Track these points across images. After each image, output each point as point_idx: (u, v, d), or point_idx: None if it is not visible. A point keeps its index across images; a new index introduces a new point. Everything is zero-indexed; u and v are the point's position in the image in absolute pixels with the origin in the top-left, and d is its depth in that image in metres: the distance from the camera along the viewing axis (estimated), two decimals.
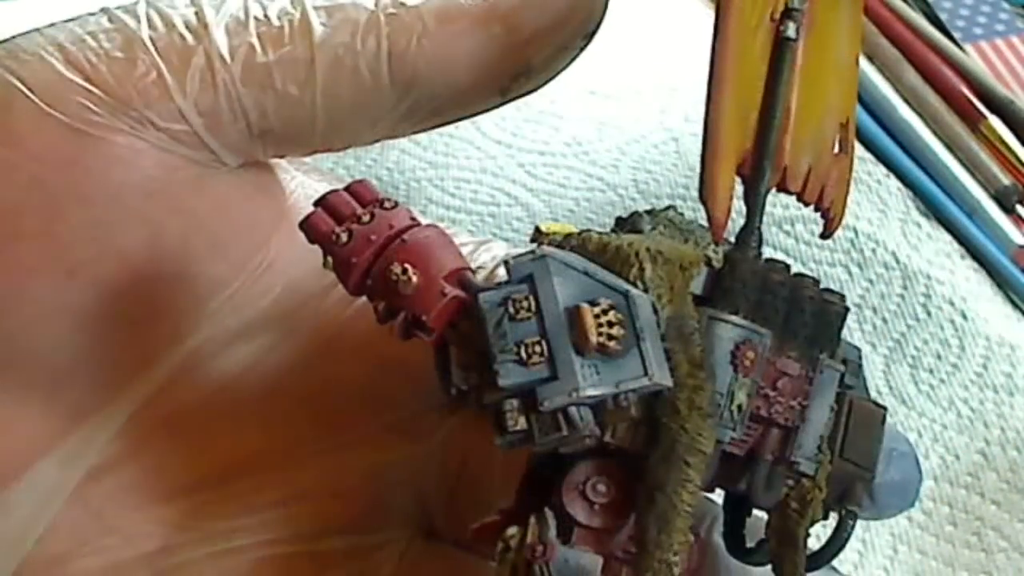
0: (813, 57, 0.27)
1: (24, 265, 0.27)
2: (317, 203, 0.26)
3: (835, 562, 0.28)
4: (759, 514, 0.28)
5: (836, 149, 0.27)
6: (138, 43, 0.28)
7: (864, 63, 0.59)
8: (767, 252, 0.50)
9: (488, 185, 0.55)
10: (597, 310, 0.24)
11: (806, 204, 0.27)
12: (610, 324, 0.24)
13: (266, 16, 0.28)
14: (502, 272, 0.26)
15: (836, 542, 0.27)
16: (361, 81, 0.28)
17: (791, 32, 0.26)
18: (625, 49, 0.58)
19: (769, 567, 0.27)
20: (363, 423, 0.31)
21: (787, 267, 0.26)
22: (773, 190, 0.27)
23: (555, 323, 0.24)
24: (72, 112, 0.27)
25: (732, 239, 0.27)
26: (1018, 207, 0.54)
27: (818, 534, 0.27)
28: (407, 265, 0.25)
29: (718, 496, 0.28)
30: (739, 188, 0.27)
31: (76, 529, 0.29)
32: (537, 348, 0.24)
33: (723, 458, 0.26)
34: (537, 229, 0.27)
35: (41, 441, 0.29)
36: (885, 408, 0.27)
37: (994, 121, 0.56)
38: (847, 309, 0.27)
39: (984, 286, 0.51)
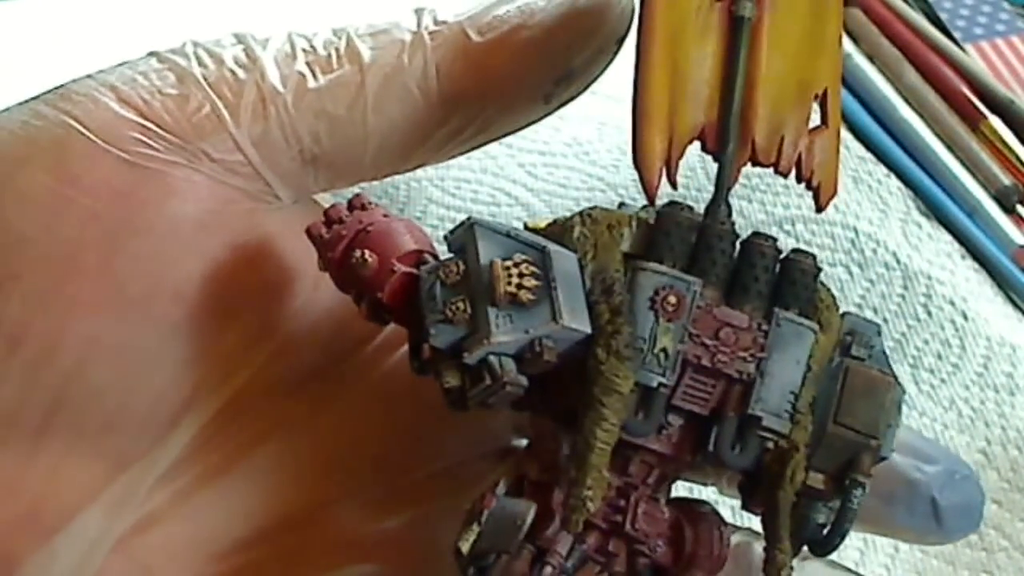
0: (779, 30, 0.27)
1: (82, 301, 0.27)
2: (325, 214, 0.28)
3: (836, 558, 0.28)
4: None
5: (819, 122, 0.27)
6: (190, 79, 0.28)
7: (864, 63, 0.59)
8: None
9: (488, 185, 0.55)
10: (509, 263, 0.25)
11: (785, 176, 0.27)
12: (523, 276, 0.25)
13: (312, 47, 0.29)
14: None
15: (845, 515, 0.26)
16: (411, 99, 0.29)
17: (746, 11, 0.27)
18: (625, 49, 0.58)
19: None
20: (412, 470, 0.31)
21: (753, 232, 0.27)
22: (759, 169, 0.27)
23: (477, 282, 0.25)
24: (129, 148, 0.27)
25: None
26: (1018, 207, 0.54)
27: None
28: (366, 250, 0.26)
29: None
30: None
31: None
32: (460, 306, 0.25)
33: (690, 420, 0.26)
34: (524, 225, 0.28)
35: (87, 488, 0.28)
36: (894, 376, 0.27)
37: (994, 121, 0.56)
38: (819, 269, 0.27)
39: (985, 286, 0.51)
